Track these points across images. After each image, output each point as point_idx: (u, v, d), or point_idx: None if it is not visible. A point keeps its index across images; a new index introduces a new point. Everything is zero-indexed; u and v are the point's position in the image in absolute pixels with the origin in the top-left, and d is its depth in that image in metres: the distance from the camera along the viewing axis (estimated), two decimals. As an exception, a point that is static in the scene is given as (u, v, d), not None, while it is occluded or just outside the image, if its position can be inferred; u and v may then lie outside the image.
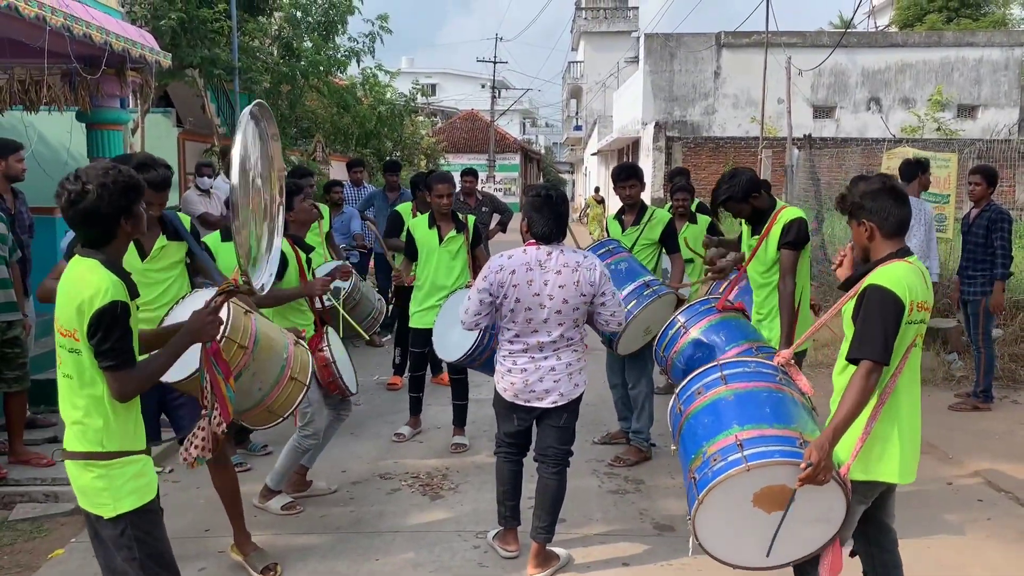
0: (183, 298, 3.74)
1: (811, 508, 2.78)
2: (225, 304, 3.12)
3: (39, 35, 5.51)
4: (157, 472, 4.98)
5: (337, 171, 15.13)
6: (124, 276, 2.59)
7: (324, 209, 6.83)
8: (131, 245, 3.66)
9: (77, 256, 2.59)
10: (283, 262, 4.42)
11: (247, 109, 2.93)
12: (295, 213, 4.65)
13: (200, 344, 2.87)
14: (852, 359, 2.75)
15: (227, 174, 3.04)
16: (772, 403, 2.99)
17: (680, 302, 5.17)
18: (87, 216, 2.52)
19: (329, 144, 16.30)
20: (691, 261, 6.46)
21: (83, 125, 6.82)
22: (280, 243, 3.33)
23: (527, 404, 3.87)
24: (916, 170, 6.98)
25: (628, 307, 4.68)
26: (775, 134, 21.11)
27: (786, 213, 4.34)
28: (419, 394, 6.03)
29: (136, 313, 2.63)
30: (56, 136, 8.08)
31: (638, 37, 29.57)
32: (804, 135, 13.03)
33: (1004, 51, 23.73)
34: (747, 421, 2.91)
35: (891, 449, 2.80)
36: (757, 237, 4.42)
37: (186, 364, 3.29)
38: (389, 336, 8.70)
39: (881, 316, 2.69)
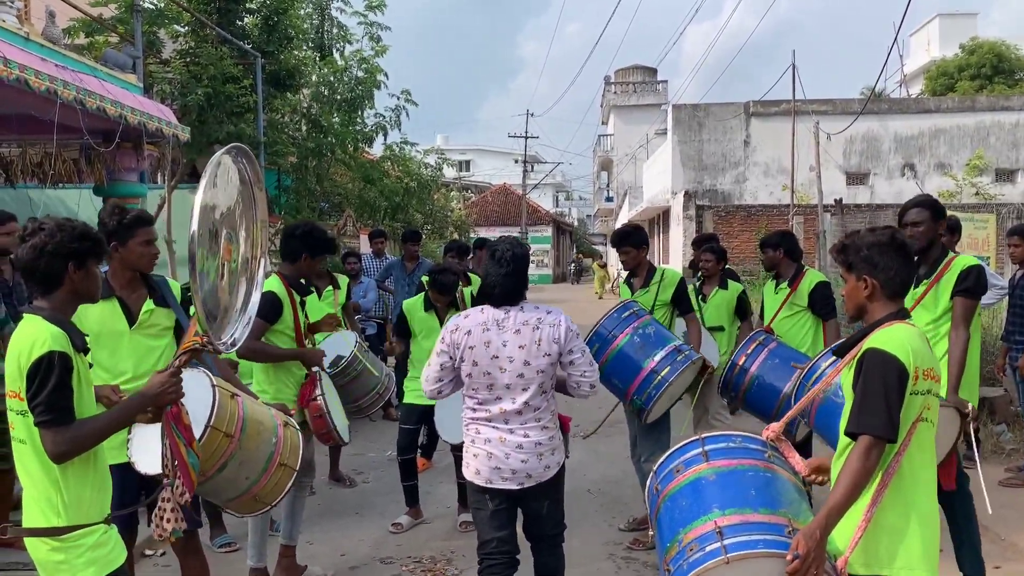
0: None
1: None
2: (212, 385, 2.95)
3: (50, 109, 5.54)
4: (147, 555, 4.81)
5: (366, 244, 15.21)
6: (70, 329, 2.47)
7: (343, 280, 6.68)
8: (118, 309, 3.51)
9: (24, 315, 2.49)
10: (277, 306, 4.17)
11: (221, 151, 2.77)
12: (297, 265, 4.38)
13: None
14: (850, 433, 2.43)
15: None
16: (758, 484, 2.64)
17: (705, 367, 4.88)
18: (35, 253, 2.44)
19: (359, 218, 16.42)
20: (720, 329, 6.07)
21: (100, 199, 6.84)
22: (258, 298, 3.11)
23: (495, 487, 3.47)
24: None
25: (662, 374, 4.54)
26: (808, 201, 20.86)
27: (961, 260, 4.12)
28: (413, 482, 5.55)
29: (84, 371, 2.49)
30: (72, 210, 8.14)
31: (667, 109, 29.76)
32: (835, 200, 12.73)
33: (1041, 114, 23.38)
34: (729, 505, 2.57)
35: (909, 541, 2.43)
36: (926, 283, 4.12)
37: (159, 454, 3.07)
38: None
39: (883, 384, 2.38)
